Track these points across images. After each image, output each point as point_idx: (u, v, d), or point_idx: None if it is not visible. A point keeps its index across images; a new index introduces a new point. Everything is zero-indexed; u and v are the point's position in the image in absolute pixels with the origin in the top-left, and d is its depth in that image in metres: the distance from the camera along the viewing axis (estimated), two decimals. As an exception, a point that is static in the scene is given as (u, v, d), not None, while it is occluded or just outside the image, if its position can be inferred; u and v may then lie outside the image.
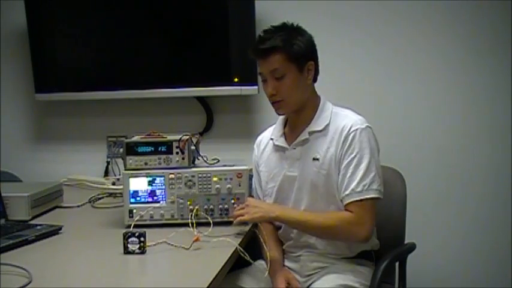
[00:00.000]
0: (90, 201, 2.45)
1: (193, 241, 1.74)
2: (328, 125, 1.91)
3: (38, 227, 1.93)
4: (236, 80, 2.69)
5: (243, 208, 1.87)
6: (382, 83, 2.69)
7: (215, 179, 1.99)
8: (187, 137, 2.06)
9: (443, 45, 2.63)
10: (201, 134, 2.78)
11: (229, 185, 1.99)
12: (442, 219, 2.68)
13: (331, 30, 2.68)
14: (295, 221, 1.87)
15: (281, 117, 2.04)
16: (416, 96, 2.67)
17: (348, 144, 1.85)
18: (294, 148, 1.95)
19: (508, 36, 2.55)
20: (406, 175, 2.20)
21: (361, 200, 1.82)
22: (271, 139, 2.04)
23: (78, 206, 2.40)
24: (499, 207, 2.63)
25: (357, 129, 1.85)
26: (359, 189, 1.82)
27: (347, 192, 1.84)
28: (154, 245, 1.73)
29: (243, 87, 2.65)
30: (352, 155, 1.84)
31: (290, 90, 1.87)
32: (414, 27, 2.64)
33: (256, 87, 2.63)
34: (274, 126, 2.07)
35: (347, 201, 1.84)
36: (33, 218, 2.14)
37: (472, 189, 2.65)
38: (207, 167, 2.05)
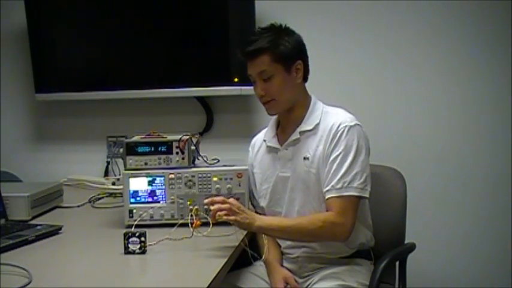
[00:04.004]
0: (90, 201, 2.45)
1: (193, 227, 1.76)
2: (318, 124, 1.90)
3: (38, 227, 1.93)
4: (236, 80, 2.69)
5: (226, 206, 1.72)
6: (382, 83, 2.69)
7: (215, 179, 1.99)
8: (187, 137, 2.05)
9: (444, 45, 2.63)
10: (201, 134, 2.78)
11: (229, 185, 1.99)
12: (442, 219, 2.68)
13: (331, 30, 2.68)
14: (277, 228, 1.82)
15: (274, 119, 2.03)
16: (416, 96, 2.67)
17: (335, 142, 1.84)
18: (286, 149, 1.94)
19: (508, 36, 2.55)
20: (406, 175, 2.20)
21: (340, 197, 1.80)
22: (264, 140, 2.04)
23: (78, 206, 2.39)
24: (499, 207, 2.63)
25: (345, 127, 1.84)
26: (339, 186, 1.81)
27: (327, 188, 1.83)
28: (155, 243, 1.73)
29: (243, 87, 2.64)
30: (338, 152, 1.83)
31: (279, 90, 1.87)
32: (414, 27, 2.64)
33: (256, 87, 2.63)
34: (267, 127, 2.07)
35: (326, 197, 1.83)
36: (33, 218, 2.14)
37: (472, 189, 2.65)
38: (207, 167, 2.05)
